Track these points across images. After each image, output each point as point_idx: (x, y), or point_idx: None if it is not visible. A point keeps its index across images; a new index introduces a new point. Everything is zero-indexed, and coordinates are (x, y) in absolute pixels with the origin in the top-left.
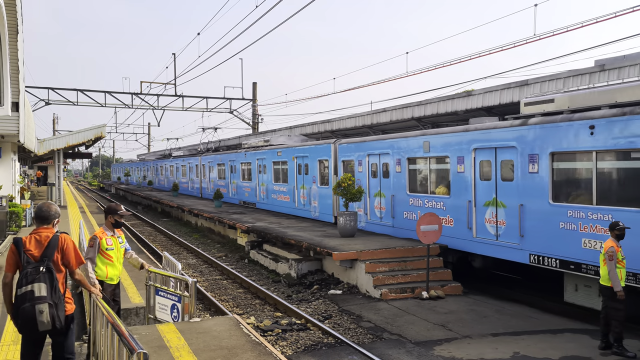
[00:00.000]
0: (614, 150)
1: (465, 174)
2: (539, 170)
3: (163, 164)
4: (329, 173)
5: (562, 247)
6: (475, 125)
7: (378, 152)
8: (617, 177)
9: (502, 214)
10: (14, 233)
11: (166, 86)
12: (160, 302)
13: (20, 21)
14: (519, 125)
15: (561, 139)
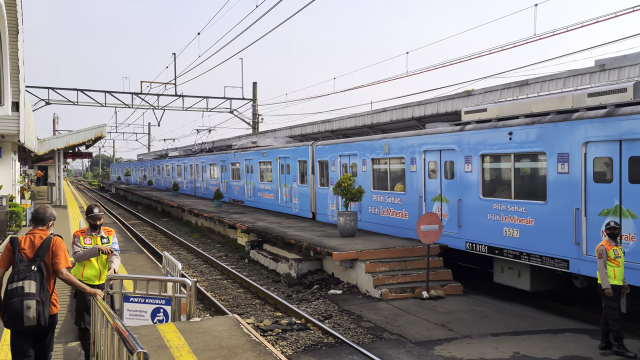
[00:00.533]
0: (526, 153)
1: (417, 173)
2: (472, 169)
3: (160, 164)
4: (307, 172)
5: (490, 235)
6: (426, 130)
7: (348, 153)
8: (529, 175)
9: (445, 208)
10: (14, 233)
11: (166, 86)
12: (132, 308)
13: (21, 21)
14: (458, 131)
15: (489, 143)
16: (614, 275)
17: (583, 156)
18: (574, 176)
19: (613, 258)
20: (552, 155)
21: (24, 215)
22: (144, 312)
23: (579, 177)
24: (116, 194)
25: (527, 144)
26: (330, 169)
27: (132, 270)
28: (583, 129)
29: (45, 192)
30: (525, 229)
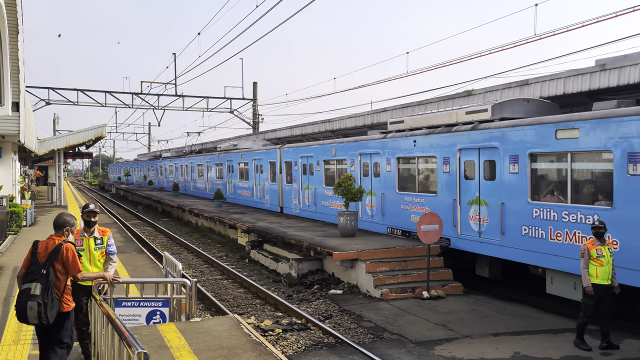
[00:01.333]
0: (425, 156)
1: (355, 172)
2: (391, 169)
3: (154, 165)
4: (276, 172)
5: (403, 221)
6: (362, 137)
7: (307, 155)
8: (427, 173)
9: (374, 201)
10: (14, 233)
11: (166, 86)
12: (125, 313)
13: (21, 21)
14: (382, 138)
15: (402, 148)
16: (597, 274)
17: (458, 159)
18: (453, 174)
19: (595, 257)
20: (440, 158)
21: (24, 216)
22: (138, 315)
23: (455, 175)
24: (116, 194)
25: (426, 149)
26: (294, 169)
27: (132, 271)
28: (458, 138)
29: (45, 192)
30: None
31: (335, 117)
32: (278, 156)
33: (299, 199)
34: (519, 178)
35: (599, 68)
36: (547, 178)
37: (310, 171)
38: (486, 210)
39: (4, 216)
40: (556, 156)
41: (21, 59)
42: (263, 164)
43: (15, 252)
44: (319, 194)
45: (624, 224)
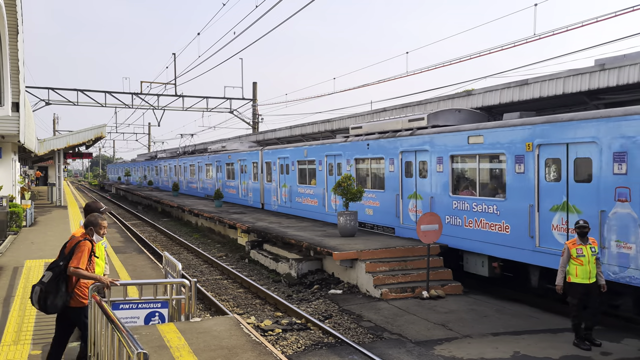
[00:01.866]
0: (375, 158)
1: (322, 172)
2: (350, 169)
3: (150, 165)
4: (258, 172)
5: (362, 215)
6: (328, 140)
7: (284, 156)
8: (376, 173)
9: (337, 197)
10: (14, 233)
11: (166, 86)
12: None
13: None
14: (344, 142)
15: (358, 151)
16: (576, 274)
17: (400, 160)
18: (397, 173)
19: (575, 257)
20: (387, 159)
21: (24, 216)
22: (136, 318)
23: (398, 173)
24: (116, 194)
25: (376, 151)
26: (272, 169)
27: (132, 271)
28: (400, 142)
29: (45, 193)
30: (375, 209)
31: (335, 117)
32: (260, 157)
33: (277, 196)
34: (444, 176)
35: (599, 68)
36: (463, 176)
37: (286, 171)
38: (420, 204)
39: (4, 216)
40: (468, 158)
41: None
42: (247, 164)
43: (15, 253)
44: (294, 191)
45: (513, 211)
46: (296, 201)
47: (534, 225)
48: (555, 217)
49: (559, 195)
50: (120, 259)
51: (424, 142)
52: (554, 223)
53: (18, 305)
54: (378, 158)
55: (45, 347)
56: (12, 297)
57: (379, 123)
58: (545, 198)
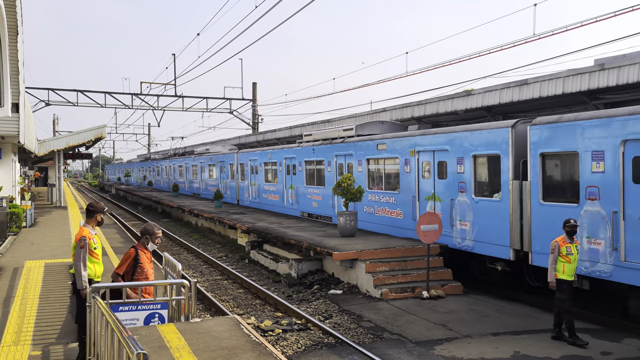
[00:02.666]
0: (318, 160)
1: (282, 171)
2: (302, 169)
3: (144, 166)
4: (233, 172)
5: (309, 207)
6: (285, 145)
7: (253, 158)
8: (319, 172)
9: (292, 192)
10: (14, 234)
11: (166, 86)
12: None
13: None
14: (297, 147)
15: (307, 154)
16: (563, 270)
17: (335, 162)
18: (333, 173)
19: (565, 254)
20: (326, 161)
21: (24, 217)
22: (136, 319)
23: (334, 173)
24: (116, 194)
25: (319, 155)
26: (245, 169)
27: None
28: (335, 148)
29: (45, 193)
30: (318, 202)
31: (335, 118)
32: (235, 159)
33: (249, 193)
34: (363, 174)
35: (598, 68)
36: (375, 174)
37: (255, 171)
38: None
39: (4, 217)
40: (377, 160)
41: (21, 60)
42: (225, 166)
43: (15, 253)
44: (261, 188)
45: (404, 201)
46: (263, 197)
47: (415, 211)
48: (428, 204)
49: (430, 188)
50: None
51: (349, 148)
52: (427, 209)
53: (18, 306)
54: (320, 160)
55: (45, 347)
56: (12, 298)
57: (324, 132)
58: (422, 191)
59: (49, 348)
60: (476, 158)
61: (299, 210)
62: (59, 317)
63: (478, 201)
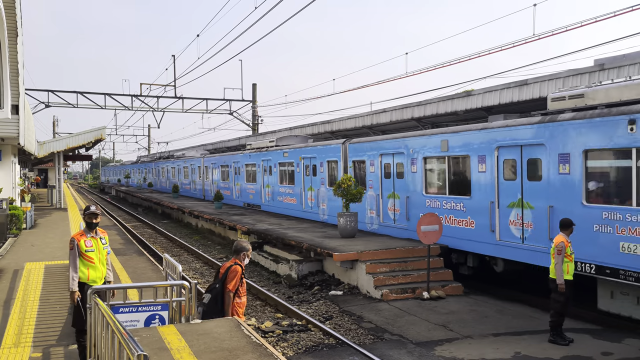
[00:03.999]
0: (253, 164)
1: (231, 173)
2: (242, 172)
3: (134, 168)
4: (201, 173)
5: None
6: (236, 152)
7: (213, 162)
8: (254, 173)
9: (254, 191)
10: (14, 236)
11: (166, 88)
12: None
13: (20, 24)
14: (242, 153)
15: (246, 159)
16: (567, 271)
17: (262, 165)
18: (260, 173)
19: (569, 254)
20: (258, 165)
21: (24, 218)
22: (136, 321)
23: (261, 174)
24: (116, 196)
25: (253, 160)
26: (208, 171)
27: (132, 273)
28: (262, 155)
29: (45, 195)
30: (253, 195)
31: (335, 118)
32: (202, 162)
33: (211, 190)
34: (274, 176)
35: (598, 68)
36: (284, 175)
37: (213, 172)
38: (269, 190)
39: (4, 219)
40: (285, 165)
41: (20, 62)
42: (195, 168)
43: (15, 255)
44: (220, 186)
45: (298, 194)
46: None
47: (303, 198)
48: (309, 193)
49: (308, 182)
50: (120, 261)
51: (269, 155)
52: (308, 197)
53: (18, 308)
54: (253, 164)
55: (45, 349)
56: (12, 300)
57: (259, 142)
58: (306, 184)
59: (50, 350)
60: (329, 162)
61: (241, 201)
62: (60, 318)
63: (330, 190)
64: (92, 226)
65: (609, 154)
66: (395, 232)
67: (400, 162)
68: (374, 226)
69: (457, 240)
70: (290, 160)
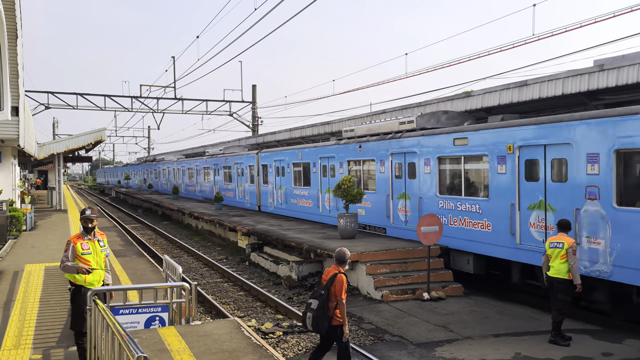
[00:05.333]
0: (208, 167)
1: (201, 175)
2: (195, 173)
3: (124, 170)
4: (177, 175)
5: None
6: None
7: (186, 165)
8: (210, 174)
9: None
10: (14, 237)
11: (166, 89)
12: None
13: (20, 26)
14: (206, 158)
15: (205, 164)
16: (566, 270)
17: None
18: (211, 175)
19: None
20: (211, 168)
21: (24, 220)
22: (136, 322)
23: (213, 175)
24: (116, 197)
25: (210, 163)
26: (180, 172)
27: (132, 274)
28: (216, 160)
29: (45, 197)
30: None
31: (335, 119)
32: (176, 165)
33: (183, 188)
34: (219, 176)
35: (598, 68)
36: (228, 175)
37: (185, 174)
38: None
39: (4, 220)
40: (228, 168)
41: (20, 63)
42: (170, 170)
43: (15, 257)
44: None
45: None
46: (190, 190)
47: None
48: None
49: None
50: (120, 263)
51: (219, 160)
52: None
53: (18, 309)
54: (207, 167)
55: (45, 351)
56: (12, 302)
57: (214, 150)
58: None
59: (50, 352)
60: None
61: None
62: (60, 320)
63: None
64: (88, 230)
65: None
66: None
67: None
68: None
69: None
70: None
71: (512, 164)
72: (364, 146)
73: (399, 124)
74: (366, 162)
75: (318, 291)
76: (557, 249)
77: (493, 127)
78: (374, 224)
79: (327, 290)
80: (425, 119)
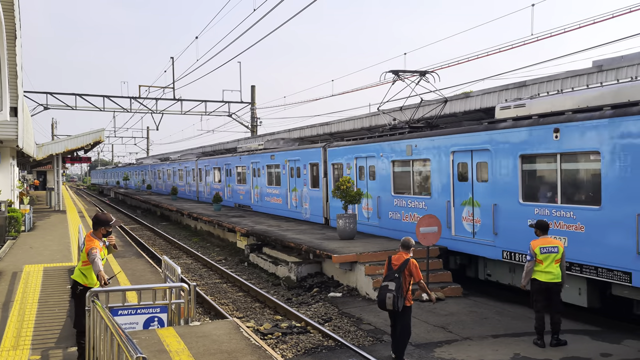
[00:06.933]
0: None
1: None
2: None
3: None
4: (169, 175)
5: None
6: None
7: (170, 167)
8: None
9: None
10: (13, 238)
11: (164, 90)
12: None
13: (19, 26)
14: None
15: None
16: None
17: (168, 171)
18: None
19: None
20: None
21: (23, 221)
22: (135, 323)
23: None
24: (115, 198)
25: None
26: (166, 173)
27: (131, 275)
28: (177, 164)
29: (44, 197)
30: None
31: (334, 120)
32: (149, 168)
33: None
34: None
35: (596, 69)
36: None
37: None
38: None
39: (3, 221)
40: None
41: (19, 64)
42: (150, 171)
43: (13, 258)
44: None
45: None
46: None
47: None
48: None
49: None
50: (119, 263)
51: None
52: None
53: (17, 310)
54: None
55: (44, 352)
56: (11, 302)
57: (176, 155)
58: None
59: (48, 352)
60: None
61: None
62: (58, 321)
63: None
64: (106, 236)
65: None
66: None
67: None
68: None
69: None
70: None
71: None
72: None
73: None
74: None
75: (392, 274)
76: (552, 253)
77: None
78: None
79: (402, 273)
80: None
